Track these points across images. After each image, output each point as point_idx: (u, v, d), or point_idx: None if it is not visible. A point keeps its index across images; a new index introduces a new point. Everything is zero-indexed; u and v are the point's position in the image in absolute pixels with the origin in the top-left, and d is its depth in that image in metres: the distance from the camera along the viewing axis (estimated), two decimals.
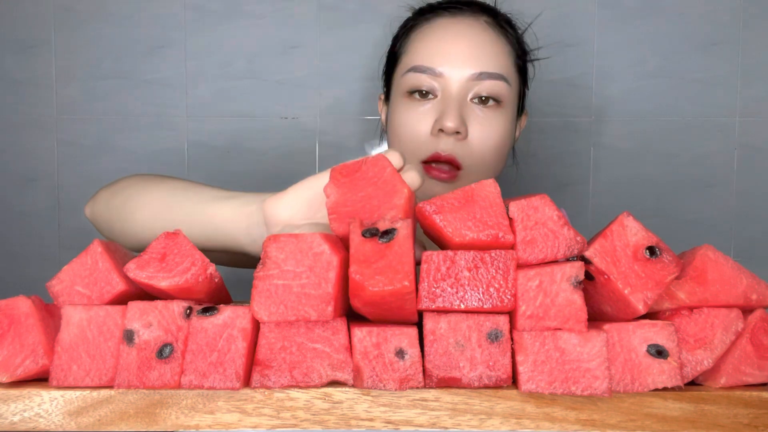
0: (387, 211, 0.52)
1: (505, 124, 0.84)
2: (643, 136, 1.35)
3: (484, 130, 0.82)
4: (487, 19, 0.87)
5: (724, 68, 1.33)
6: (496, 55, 0.84)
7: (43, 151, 1.40)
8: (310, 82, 1.37)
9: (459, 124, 0.80)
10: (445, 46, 0.83)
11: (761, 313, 0.52)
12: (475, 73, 0.82)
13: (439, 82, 0.83)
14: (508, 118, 0.85)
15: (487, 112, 0.83)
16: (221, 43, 1.37)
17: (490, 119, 0.83)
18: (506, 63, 0.85)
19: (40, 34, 1.38)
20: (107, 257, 0.52)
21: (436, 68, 0.82)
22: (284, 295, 0.48)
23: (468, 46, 0.83)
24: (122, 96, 1.38)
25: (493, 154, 0.84)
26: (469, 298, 0.48)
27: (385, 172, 0.53)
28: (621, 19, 1.34)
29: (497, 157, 0.85)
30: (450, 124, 0.80)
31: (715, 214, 1.36)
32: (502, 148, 0.85)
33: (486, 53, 0.83)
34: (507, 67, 0.85)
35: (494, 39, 0.85)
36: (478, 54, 0.83)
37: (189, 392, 0.49)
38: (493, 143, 0.83)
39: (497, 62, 0.83)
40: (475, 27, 0.85)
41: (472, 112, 0.83)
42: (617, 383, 0.49)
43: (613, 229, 0.51)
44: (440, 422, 0.49)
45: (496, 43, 0.85)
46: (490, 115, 0.83)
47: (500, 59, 0.84)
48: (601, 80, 1.34)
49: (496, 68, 0.83)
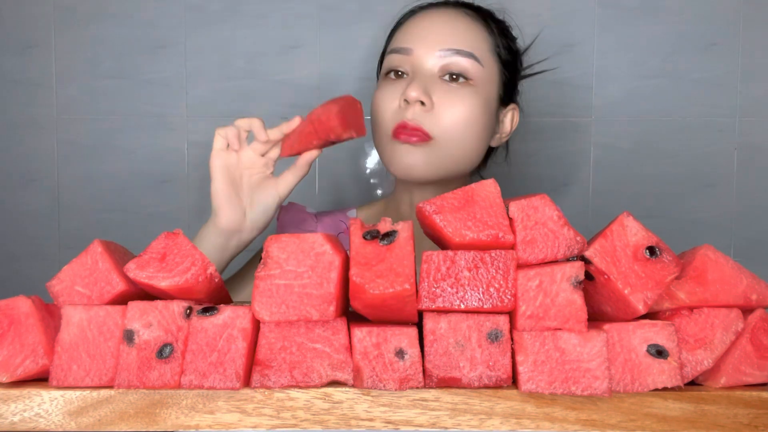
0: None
1: (475, 102, 0.84)
2: (643, 136, 1.35)
3: (451, 103, 0.83)
4: (467, 10, 0.89)
5: (724, 68, 1.33)
6: (467, 34, 0.85)
7: (43, 151, 1.39)
8: (310, 82, 1.37)
9: (421, 93, 0.81)
10: (420, 28, 0.87)
11: (761, 313, 0.52)
12: (443, 49, 0.84)
13: (410, 61, 0.86)
14: (481, 98, 0.85)
15: (456, 88, 0.84)
16: (221, 43, 1.37)
17: (458, 93, 0.84)
18: (479, 45, 0.86)
19: (40, 34, 1.38)
20: (107, 257, 0.52)
21: (408, 47, 0.86)
22: (285, 294, 0.48)
23: (440, 26, 0.86)
24: (122, 96, 1.38)
25: (462, 128, 0.84)
26: (469, 298, 0.48)
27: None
28: (621, 19, 1.34)
29: (469, 132, 0.85)
30: (412, 93, 0.81)
31: (715, 214, 1.36)
32: (474, 124, 0.85)
33: (457, 32, 0.85)
34: (480, 49, 0.86)
35: (469, 22, 0.87)
36: (449, 32, 0.85)
37: (189, 392, 0.49)
38: (460, 116, 0.83)
39: (468, 41, 0.85)
40: (451, 13, 0.88)
41: (441, 87, 0.84)
42: (617, 383, 0.49)
43: (613, 229, 0.51)
44: (440, 422, 0.49)
45: (469, 26, 0.87)
46: (459, 90, 0.84)
47: (472, 39, 0.85)
48: (601, 80, 1.34)
49: (466, 46, 0.84)
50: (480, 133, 0.86)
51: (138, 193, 1.38)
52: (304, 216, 0.97)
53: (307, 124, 0.78)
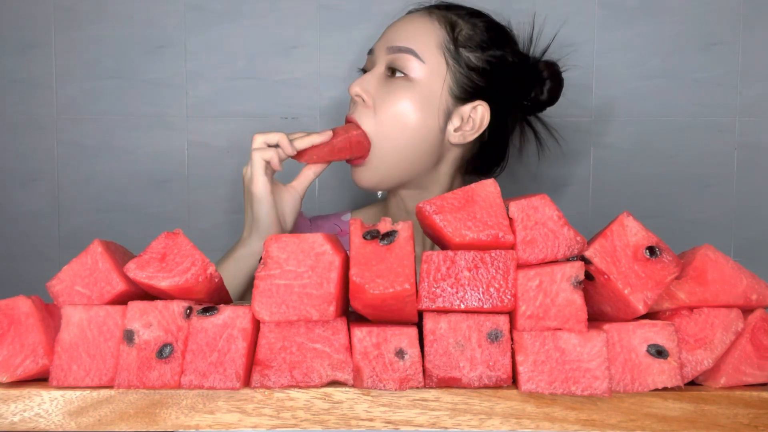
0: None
1: (408, 95, 0.85)
2: (643, 136, 1.35)
3: (386, 97, 0.86)
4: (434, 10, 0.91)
5: (724, 68, 1.33)
6: (413, 32, 0.88)
7: (43, 151, 1.39)
8: (310, 82, 1.37)
9: (358, 89, 0.86)
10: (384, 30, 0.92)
11: (761, 313, 0.52)
12: (388, 47, 0.88)
13: (372, 60, 0.91)
14: (415, 92, 0.86)
15: (393, 83, 0.86)
16: (221, 43, 1.37)
17: (392, 88, 0.86)
18: (422, 41, 0.87)
19: (40, 34, 1.38)
20: (107, 257, 0.52)
21: (372, 48, 0.91)
22: (285, 294, 0.48)
23: (393, 27, 0.90)
24: (122, 96, 1.38)
25: (393, 120, 0.85)
26: (469, 298, 0.48)
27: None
28: (621, 19, 1.34)
29: (401, 124, 0.86)
30: (352, 89, 0.87)
31: (715, 214, 1.36)
32: (406, 117, 0.85)
33: (403, 31, 0.88)
34: (422, 44, 0.87)
35: (423, 21, 0.89)
36: (397, 31, 0.89)
37: (189, 392, 0.49)
38: (392, 109, 0.85)
39: (410, 38, 0.87)
40: (414, 15, 0.91)
41: (381, 84, 0.87)
42: (617, 383, 0.49)
43: (613, 229, 0.51)
44: (440, 422, 0.49)
45: (420, 24, 0.88)
46: (395, 85, 0.86)
47: (415, 36, 0.87)
48: (601, 80, 1.34)
49: (406, 43, 0.86)
50: (416, 126, 0.86)
51: (138, 193, 1.38)
52: (300, 221, 0.98)
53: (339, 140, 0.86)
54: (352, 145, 0.85)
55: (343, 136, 0.85)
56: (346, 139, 0.85)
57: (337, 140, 0.85)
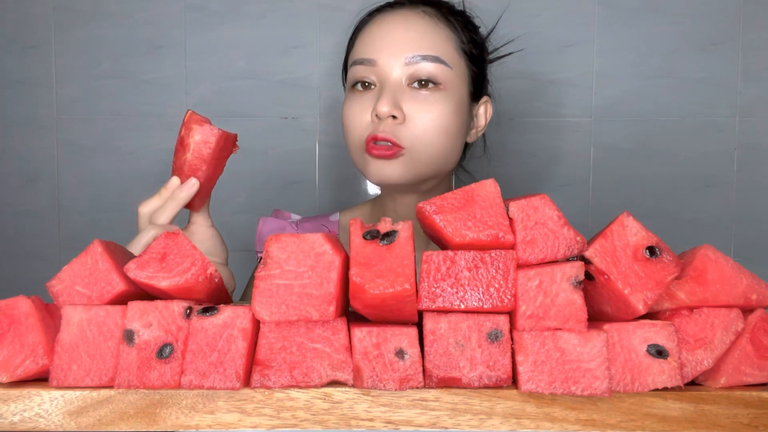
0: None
1: (448, 106, 0.83)
2: (643, 136, 1.35)
3: (423, 110, 0.82)
4: (426, 9, 0.87)
5: (724, 68, 1.33)
6: (431, 38, 0.84)
7: (43, 151, 1.40)
8: (310, 82, 1.37)
9: (392, 107, 0.80)
10: (381, 36, 0.85)
11: (761, 313, 0.52)
12: (408, 57, 0.82)
13: (376, 72, 0.84)
14: (453, 101, 0.84)
15: (426, 94, 0.83)
16: (221, 43, 1.37)
17: (430, 100, 0.83)
18: (445, 46, 0.84)
19: (40, 34, 1.38)
20: (107, 257, 0.52)
21: (372, 58, 0.84)
22: (285, 295, 0.48)
23: (402, 33, 0.84)
24: (122, 96, 1.38)
25: (435, 134, 0.83)
26: (469, 298, 0.48)
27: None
28: (621, 19, 1.34)
29: (443, 138, 0.84)
30: (383, 108, 0.80)
31: (715, 214, 1.36)
32: (447, 129, 0.84)
33: (420, 37, 0.83)
34: (446, 50, 0.84)
35: (430, 24, 0.85)
36: (412, 38, 0.83)
37: (189, 392, 0.49)
38: (434, 123, 0.83)
39: (432, 45, 0.83)
40: (410, 16, 0.85)
41: (411, 96, 0.83)
42: (617, 383, 0.49)
43: (613, 229, 0.51)
44: (440, 422, 0.49)
45: (432, 28, 0.85)
46: (430, 96, 0.83)
47: (436, 42, 0.84)
48: (601, 80, 1.34)
49: (431, 50, 0.83)
50: (454, 135, 0.85)
51: (138, 193, 1.38)
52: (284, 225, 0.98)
53: (191, 156, 0.73)
54: (204, 150, 0.72)
55: (189, 153, 0.72)
56: (197, 152, 0.72)
57: (190, 156, 0.73)
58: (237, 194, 1.39)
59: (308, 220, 1.01)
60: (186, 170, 0.73)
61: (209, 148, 0.72)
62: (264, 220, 0.99)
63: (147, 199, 0.76)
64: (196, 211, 0.79)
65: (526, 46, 1.14)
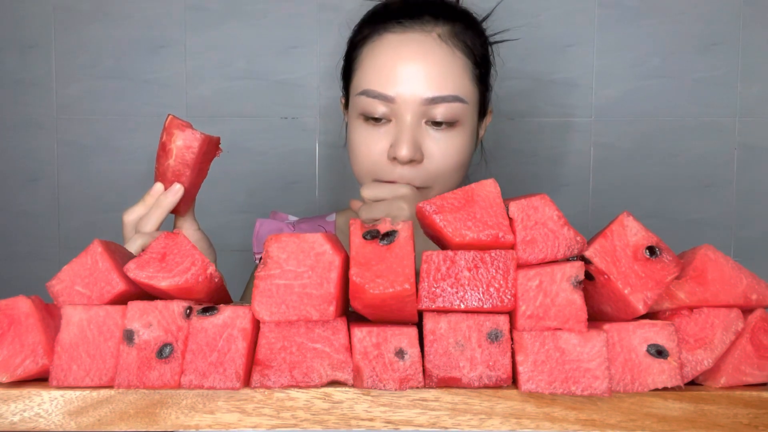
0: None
1: (463, 142, 0.83)
2: (643, 136, 1.35)
3: (441, 151, 0.82)
4: (440, 32, 0.82)
5: (724, 68, 1.33)
6: (450, 74, 0.80)
7: (43, 151, 1.40)
8: (310, 82, 1.37)
9: (413, 152, 0.79)
10: (396, 69, 0.80)
11: (761, 313, 0.52)
12: (428, 98, 0.79)
13: (391, 107, 0.81)
14: (467, 134, 0.84)
15: (444, 134, 0.81)
16: (221, 43, 1.37)
17: (447, 140, 0.82)
18: (462, 81, 0.81)
19: (40, 34, 1.38)
20: (107, 257, 0.52)
21: (388, 93, 0.80)
22: (285, 294, 0.48)
23: (420, 68, 0.80)
24: (122, 96, 1.38)
25: (452, 172, 0.84)
26: (469, 298, 0.48)
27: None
28: (621, 19, 1.34)
29: (460, 172, 0.86)
30: (404, 153, 0.79)
31: (715, 214, 1.36)
32: (464, 163, 0.85)
33: (438, 74, 0.80)
34: (463, 85, 0.81)
35: (448, 55, 0.81)
36: (431, 75, 0.80)
37: (189, 392, 0.49)
38: (452, 162, 0.83)
39: (452, 83, 0.80)
40: (426, 44, 0.81)
41: (428, 135, 0.81)
42: (617, 383, 0.49)
43: (613, 229, 0.51)
44: (440, 422, 0.49)
45: (450, 60, 0.81)
46: (447, 136, 0.81)
47: (455, 78, 0.81)
48: (601, 80, 1.34)
49: (451, 90, 0.80)
50: (467, 163, 0.86)
51: (138, 193, 1.38)
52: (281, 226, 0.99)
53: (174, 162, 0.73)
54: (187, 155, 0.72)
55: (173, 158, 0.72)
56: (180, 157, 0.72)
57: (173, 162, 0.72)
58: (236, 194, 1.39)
59: (305, 221, 1.01)
60: (170, 176, 0.73)
61: (192, 153, 0.72)
62: (261, 221, 0.99)
63: (131, 207, 0.74)
64: (181, 216, 0.78)
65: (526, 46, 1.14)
